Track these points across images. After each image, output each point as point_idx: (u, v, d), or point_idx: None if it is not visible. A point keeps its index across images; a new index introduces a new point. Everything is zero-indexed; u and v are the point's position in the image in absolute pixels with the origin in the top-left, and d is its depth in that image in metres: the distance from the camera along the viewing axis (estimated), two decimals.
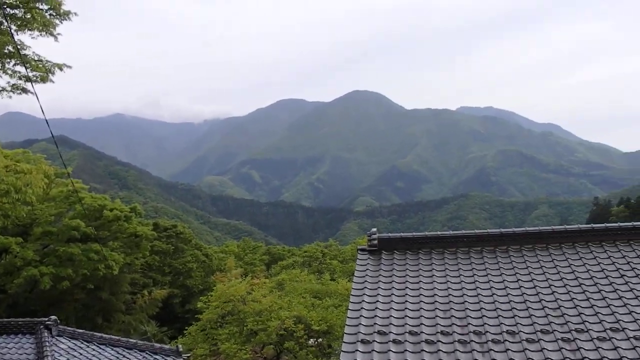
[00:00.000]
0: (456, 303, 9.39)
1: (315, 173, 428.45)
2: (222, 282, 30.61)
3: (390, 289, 10.05)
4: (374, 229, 11.87)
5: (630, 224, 11.22)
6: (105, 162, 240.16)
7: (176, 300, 42.68)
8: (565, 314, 8.77)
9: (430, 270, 10.59)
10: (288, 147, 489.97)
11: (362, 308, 9.40)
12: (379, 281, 10.37)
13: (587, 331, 8.24)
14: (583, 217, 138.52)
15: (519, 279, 9.97)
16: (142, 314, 36.85)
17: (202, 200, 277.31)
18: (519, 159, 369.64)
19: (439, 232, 11.76)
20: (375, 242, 11.50)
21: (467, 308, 9.18)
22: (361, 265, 11.02)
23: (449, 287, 9.94)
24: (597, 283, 9.58)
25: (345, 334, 8.73)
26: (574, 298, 9.20)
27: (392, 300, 9.66)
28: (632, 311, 8.65)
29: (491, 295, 9.54)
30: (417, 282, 10.23)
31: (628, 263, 10.11)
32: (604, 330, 8.22)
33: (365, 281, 10.38)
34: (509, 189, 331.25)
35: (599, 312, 8.72)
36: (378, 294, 9.89)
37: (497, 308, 9.12)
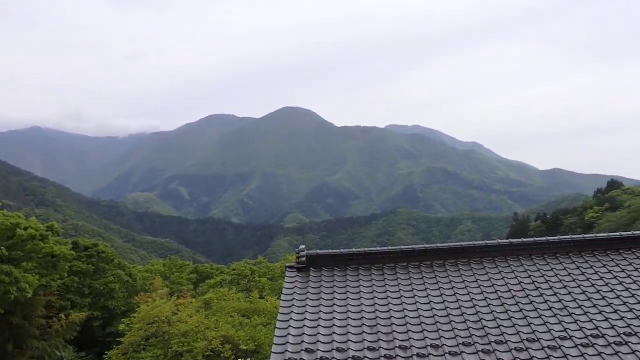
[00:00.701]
0: (382, 318, 9.50)
1: (245, 189, 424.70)
2: (146, 302, 29.49)
3: (318, 306, 10.04)
4: (302, 246, 11.84)
5: (544, 238, 11.82)
6: (20, 177, 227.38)
7: (96, 323, 40.64)
8: (485, 326, 9.06)
9: (358, 287, 10.67)
10: (217, 162, 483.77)
11: (289, 326, 9.32)
12: (307, 298, 10.33)
13: (505, 342, 8.55)
14: (504, 232, 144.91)
15: (443, 293, 10.23)
16: (58, 339, 34.73)
17: (126, 218, 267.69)
18: (444, 176, 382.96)
19: (366, 249, 11.89)
20: (304, 259, 11.48)
21: (393, 323, 9.31)
22: (289, 282, 10.95)
23: (376, 303, 10.05)
24: (514, 296, 9.98)
25: (272, 353, 8.61)
26: (493, 311, 9.54)
27: (320, 317, 9.65)
28: (547, 322, 9.07)
29: (416, 310, 9.72)
30: (345, 299, 10.27)
31: (542, 276, 10.62)
32: (521, 341, 8.55)
33: (293, 299, 10.31)
34: (435, 205, 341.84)
35: (516, 324, 9.07)
36: (306, 312, 9.84)
37: (422, 322, 9.30)
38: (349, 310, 9.85)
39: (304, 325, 9.34)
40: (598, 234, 12.13)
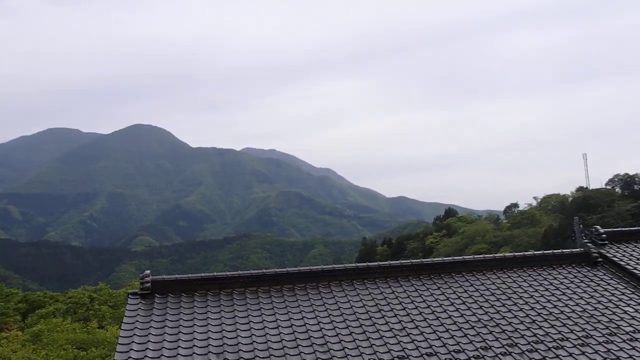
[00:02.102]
0: (230, 345, 9.28)
1: (88, 210, 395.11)
2: None
3: (161, 335, 9.55)
4: (147, 271, 11.24)
5: (387, 263, 12.48)
6: None
7: None
8: (331, 349, 9.26)
9: (205, 313, 10.35)
10: (57, 180, 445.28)
11: (129, 357, 8.73)
12: (150, 327, 9.78)
13: None
14: (354, 256, 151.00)
15: (291, 317, 10.28)
16: None
17: None
18: (299, 201, 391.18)
19: (215, 273, 11.63)
20: (148, 285, 10.90)
21: (240, 350, 9.14)
22: (131, 310, 10.30)
23: (223, 330, 9.80)
24: (359, 318, 10.35)
25: None
26: (339, 333, 9.79)
27: (164, 347, 9.19)
28: (387, 342, 9.52)
29: (264, 335, 9.65)
30: (191, 326, 9.89)
31: (385, 298, 11.17)
32: None
33: (135, 327, 9.70)
34: (289, 229, 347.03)
35: (360, 346, 9.39)
36: (148, 341, 9.31)
37: (269, 348, 9.25)
38: (195, 338, 9.49)
39: (146, 356, 8.83)
40: (435, 259, 13.12)
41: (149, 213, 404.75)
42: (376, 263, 12.54)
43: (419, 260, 12.75)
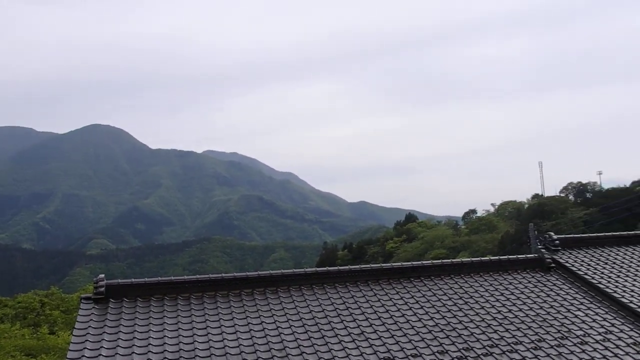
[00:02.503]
0: (186, 351, 9.12)
1: (41, 211, 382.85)
2: None
3: (115, 341, 9.30)
4: (102, 275, 10.96)
5: (347, 267, 12.50)
6: None
7: None
8: (289, 354, 9.20)
9: (162, 318, 10.14)
10: (9, 181, 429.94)
11: None
12: (104, 332, 9.52)
13: None
14: (315, 260, 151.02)
15: (250, 322, 10.18)
16: None
17: None
18: (260, 205, 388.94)
19: (172, 277, 11.41)
20: (102, 289, 10.61)
21: (197, 356, 9.00)
22: (83, 315, 10.00)
23: (180, 335, 9.62)
24: (318, 323, 10.32)
25: None
26: (298, 338, 9.73)
27: (117, 353, 8.96)
28: (345, 347, 9.52)
29: (222, 341, 9.51)
30: (147, 332, 9.67)
31: (344, 303, 11.18)
32: None
33: (87, 334, 9.42)
34: (250, 233, 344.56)
35: (318, 350, 9.37)
36: (101, 347, 9.06)
37: (227, 353, 9.13)
38: (150, 344, 9.28)
39: None
40: (394, 264, 13.21)
41: (105, 215, 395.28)
42: (336, 268, 12.55)
43: (378, 265, 12.82)
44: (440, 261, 13.38)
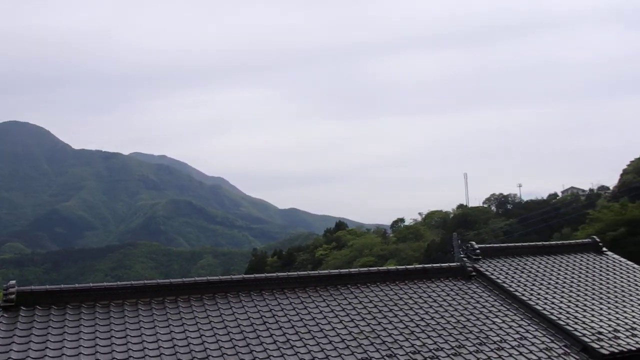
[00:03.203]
0: None
1: None
2: None
3: (25, 351, 8.77)
4: (13, 281, 10.33)
5: (274, 275, 12.44)
6: None
7: None
8: None
9: (78, 327, 9.66)
10: None
11: None
12: (12, 342, 8.95)
13: None
14: (244, 267, 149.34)
15: (172, 331, 9.88)
16: None
17: None
18: (189, 210, 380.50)
19: (91, 284, 10.92)
20: (13, 296, 9.99)
21: None
22: None
23: (97, 345, 9.20)
24: (243, 331, 10.17)
25: None
26: (222, 347, 9.54)
27: None
28: (270, 355, 9.43)
29: (142, 350, 9.18)
30: (61, 341, 9.17)
31: (270, 311, 11.07)
32: None
33: None
34: (178, 239, 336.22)
35: (242, 359, 9.21)
36: (9, 358, 8.49)
37: None
38: (64, 354, 8.81)
39: None
40: (322, 271, 13.26)
41: (22, 218, 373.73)
42: (263, 275, 12.45)
43: (306, 272, 12.83)
44: (367, 269, 13.57)
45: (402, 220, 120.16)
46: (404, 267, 14.05)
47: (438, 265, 14.17)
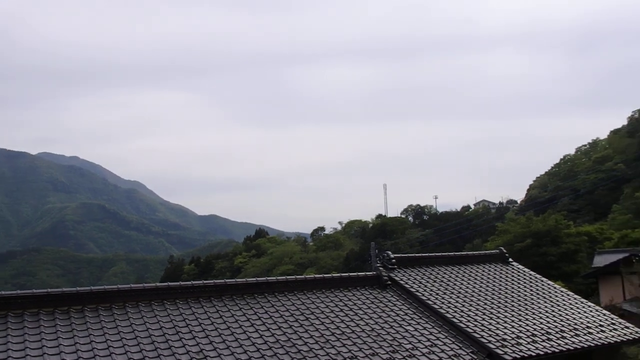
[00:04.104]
0: None
1: None
2: None
3: None
4: None
5: (189, 283, 12.09)
6: None
7: None
8: None
9: None
10: None
11: None
12: None
13: None
14: (159, 274, 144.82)
15: (77, 343, 9.35)
16: None
17: None
18: (102, 214, 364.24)
19: None
20: None
21: None
22: None
23: None
24: (154, 342, 9.79)
25: None
26: (131, 358, 9.14)
27: None
28: None
29: None
30: None
31: (184, 320, 10.75)
32: None
33: None
34: (88, 245, 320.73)
35: None
36: None
37: None
38: None
39: None
40: (239, 280, 13.07)
41: None
42: (178, 283, 12.09)
43: (222, 280, 12.59)
44: (285, 277, 13.53)
45: (322, 229, 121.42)
46: (321, 275, 14.15)
47: (355, 274, 14.38)
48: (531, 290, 15.43)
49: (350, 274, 14.40)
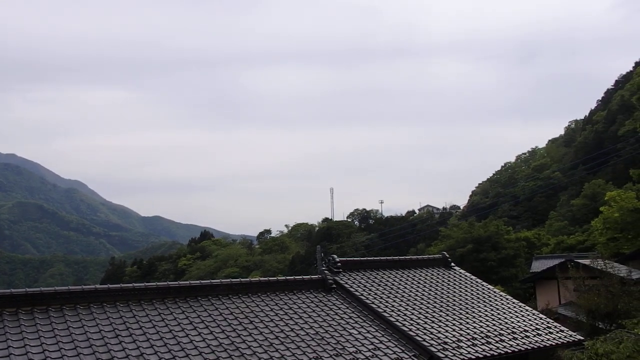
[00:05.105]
0: None
1: None
2: None
3: None
4: None
5: (130, 285, 11.80)
6: None
7: None
8: None
9: None
10: None
11: None
12: None
13: None
14: (99, 276, 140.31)
15: (10, 346, 8.97)
16: None
17: None
18: (40, 214, 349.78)
19: None
20: None
21: None
22: None
23: None
24: (92, 345, 9.50)
25: None
26: None
27: None
28: None
29: None
30: None
31: (124, 323, 10.47)
32: None
33: None
34: (24, 245, 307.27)
35: None
36: None
37: None
38: None
39: None
40: (182, 282, 12.83)
41: None
42: (119, 285, 11.77)
43: (165, 283, 12.34)
44: (229, 280, 13.39)
45: (268, 231, 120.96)
46: (266, 278, 14.09)
47: (300, 277, 14.40)
48: (472, 294, 15.88)
49: (296, 277, 14.42)
